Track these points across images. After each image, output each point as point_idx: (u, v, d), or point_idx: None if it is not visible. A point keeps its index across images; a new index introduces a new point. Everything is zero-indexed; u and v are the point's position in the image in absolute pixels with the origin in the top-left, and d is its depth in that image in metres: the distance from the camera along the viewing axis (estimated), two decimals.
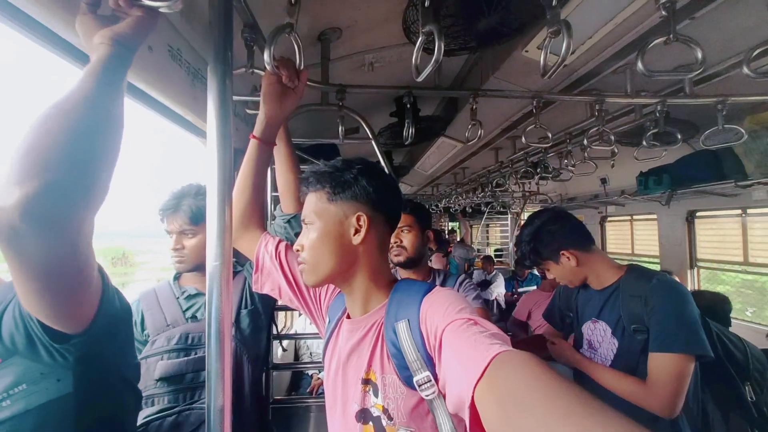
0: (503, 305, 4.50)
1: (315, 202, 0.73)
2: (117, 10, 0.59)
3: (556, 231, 1.23)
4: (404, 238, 1.38)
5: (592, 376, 1.15)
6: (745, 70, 0.93)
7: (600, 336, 1.21)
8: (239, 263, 1.24)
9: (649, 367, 1.02)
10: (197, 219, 1.10)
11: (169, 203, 1.12)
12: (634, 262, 1.25)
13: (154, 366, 1.02)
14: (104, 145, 0.54)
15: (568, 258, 1.20)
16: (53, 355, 0.62)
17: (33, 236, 0.48)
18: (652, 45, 0.83)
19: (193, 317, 1.11)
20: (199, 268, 1.14)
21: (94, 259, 0.61)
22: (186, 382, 1.02)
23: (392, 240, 1.37)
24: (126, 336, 0.79)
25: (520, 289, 4.72)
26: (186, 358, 1.03)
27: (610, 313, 1.18)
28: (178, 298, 1.15)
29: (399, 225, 1.37)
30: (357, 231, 0.70)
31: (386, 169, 1.50)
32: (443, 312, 0.60)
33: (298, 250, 0.74)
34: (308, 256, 0.72)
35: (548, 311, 1.51)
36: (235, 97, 1.15)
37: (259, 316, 1.17)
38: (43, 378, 0.62)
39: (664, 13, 0.78)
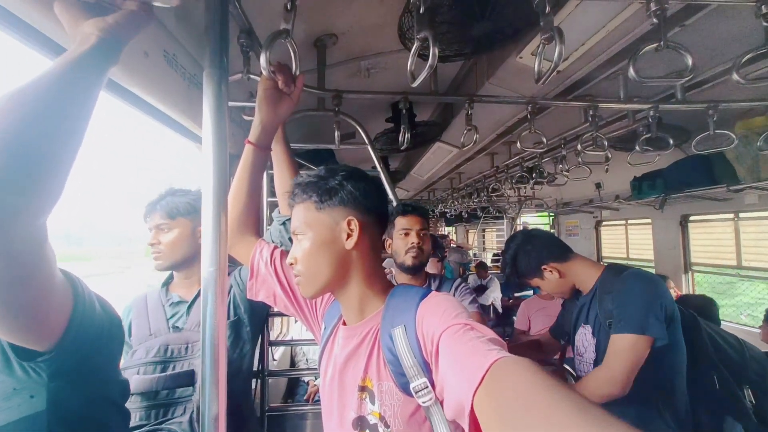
0: (500, 310, 4.50)
1: (303, 212, 0.72)
2: (109, 3, 0.55)
3: (532, 250, 1.28)
4: (423, 241, 1.41)
5: None
6: (735, 76, 0.94)
7: (586, 339, 1.24)
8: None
9: (609, 348, 1.06)
10: (173, 214, 1.11)
11: (150, 202, 1.14)
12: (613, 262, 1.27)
13: (129, 379, 0.99)
14: (62, 141, 0.48)
15: (550, 271, 1.26)
16: (26, 370, 0.57)
17: None
18: (643, 52, 0.85)
19: (175, 327, 1.09)
20: (177, 266, 1.14)
21: (52, 267, 0.54)
22: (160, 398, 0.98)
23: (412, 241, 1.39)
24: (110, 352, 0.72)
25: (517, 294, 4.73)
26: (161, 375, 1.00)
27: (590, 314, 1.21)
28: (164, 305, 1.13)
29: (417, 228, 1.40)
30: (349, 236, 0.70)
31: (382, 174, 1.51)
32: (439, 317, 0.60)
33: (291, 264, 0.73)
34: (303, 268, 0.71)
35: (554, 326, 1.53)
36: (231, 103, 1.15)
37: (242, 327, 1.14)
38: (15, 394, 0.58)
39: (654, 20, 0.79)
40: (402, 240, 1.40)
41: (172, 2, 0.56)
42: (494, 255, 8.08)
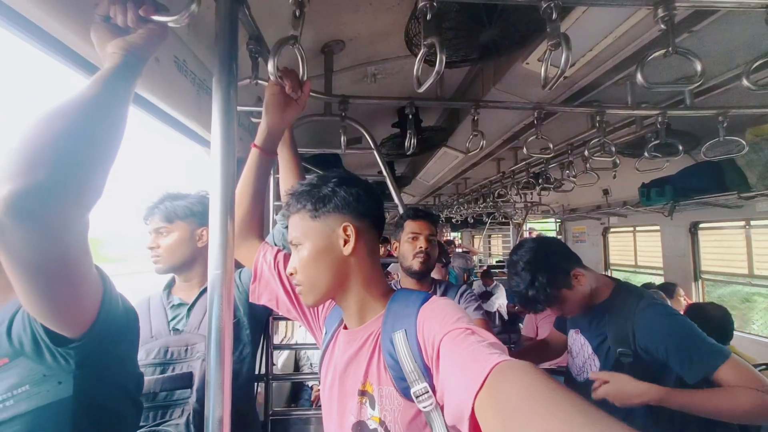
0: (505, 316, 4.46)
1: (299, 222, 0.73)
2: (129, 26, 0.61)
3: (561, 252, 1.13)
4: (431, 246, 1.40)
5: (692, 405, 0.95)
6: (745, 82, 0.93)
7: (578, 347, 1.21)
8: None
9: (725, 383, 0.93)
10: (171, 217, 1.12)
11: (148, 206, 1.15)
12: (614, 275, 1.23)
13: None
14: (101, 148, 0.55)
15: (577, 277, 1.12)
16: (56, 357, 0.63)
17: (18, 233, 0.48)
18: (651, 58, 0.84)
19: (175, 329, 1.09)
20: (176, 269, 1.15)
21: (90, 260, 0.60)
22: (159, 400, 0.99)
23: (420, 246, 1.39)
24: (129, 345, 0.78)
25: None
26: (160, 376, 1.00)
27: (593, 331, 1.16)
28: (165, 308, 1.14)
29: (426, 234, 1.40)
30: (346, 241, 0.70)
31: (388, 179, 1.51)
32: (440, 321, 0.60)
33: (291, 274, 0.74)
34: (303, 277, 0.71)
35: (556, 320, 1.51)
36: (239, 108, 1.16)
37: (242, 330, 1.14)
38: (45, 380, 0.63)
39: (663, 26, 0.79)
40: (410, 244, 1.40)
41: (183, 22, 0.60)
42: (497, 261, 8.02)
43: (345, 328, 0.77)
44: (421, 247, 1.38)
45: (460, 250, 7.16)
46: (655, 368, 1.04)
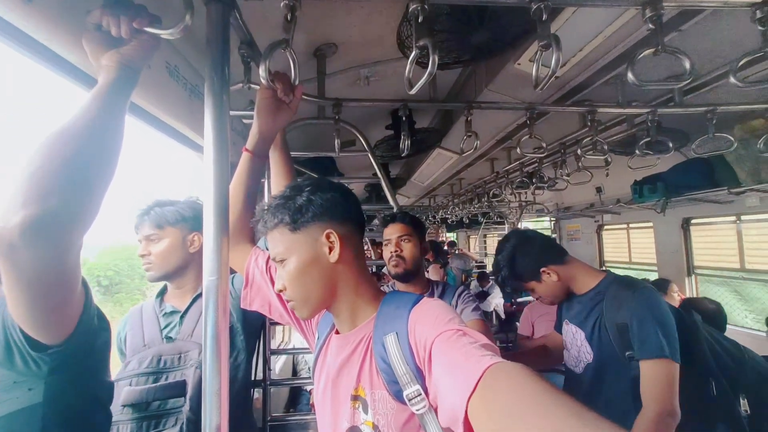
0: (503, 316, 4.47)
1: (279, 238, 0.71)
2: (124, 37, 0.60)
3: (530, 251, 1.25)
4: (403, 248, 1.39)
5: None
6: (733, 79, 0.94)
7: (571, 337, 1.24)
8: None
9: (643, 375, 1.02)
10: (162, 223, 1.12)
11: (139, 214, 1.15)
12: (608, 269, 1.26)
13: (121, 390, 0.97)
14: (105, 169, 0.58)
15: (549, 274, 1.23)
16: (28, 363, 0.63)
17: (28, 252, 0.52)
18: (640, 56, 0.85)
19: (168, 337, 1.08)
20: (169, 276, 1.14)
21: (80, 273, 0.64)
22: (152, 410, 0.98)
23: (391, 250, 1.38)
24: (101, 354, 0.78)
25: (519, 300, 4.70)
26: (153, 385, 0.99)
27: (585, 319, 1.19)
28: (158, 316, 1.13)
29: (397, 235, 1.39)
30: (331, 249, 0.69)
31: (383, 181, 1.51)
32: (432, 323, 0.59)
33: (281, 291, 0.72)
34: (294, 293, 0.70)
35: (557, 323, 1.51)
36: (231, 113, 1.16)
37: (236, 336, 1.13)
38: (15, 386, 0.64)
39: (651, 26, 0.79)
40: (386, 250, 1.42)
41: (177, 34, 0.61)
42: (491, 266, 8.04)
43: (337, 332, 0.77)
44: (391, 252, 1.39)
45: (457, 252, 7.17)
46: None
